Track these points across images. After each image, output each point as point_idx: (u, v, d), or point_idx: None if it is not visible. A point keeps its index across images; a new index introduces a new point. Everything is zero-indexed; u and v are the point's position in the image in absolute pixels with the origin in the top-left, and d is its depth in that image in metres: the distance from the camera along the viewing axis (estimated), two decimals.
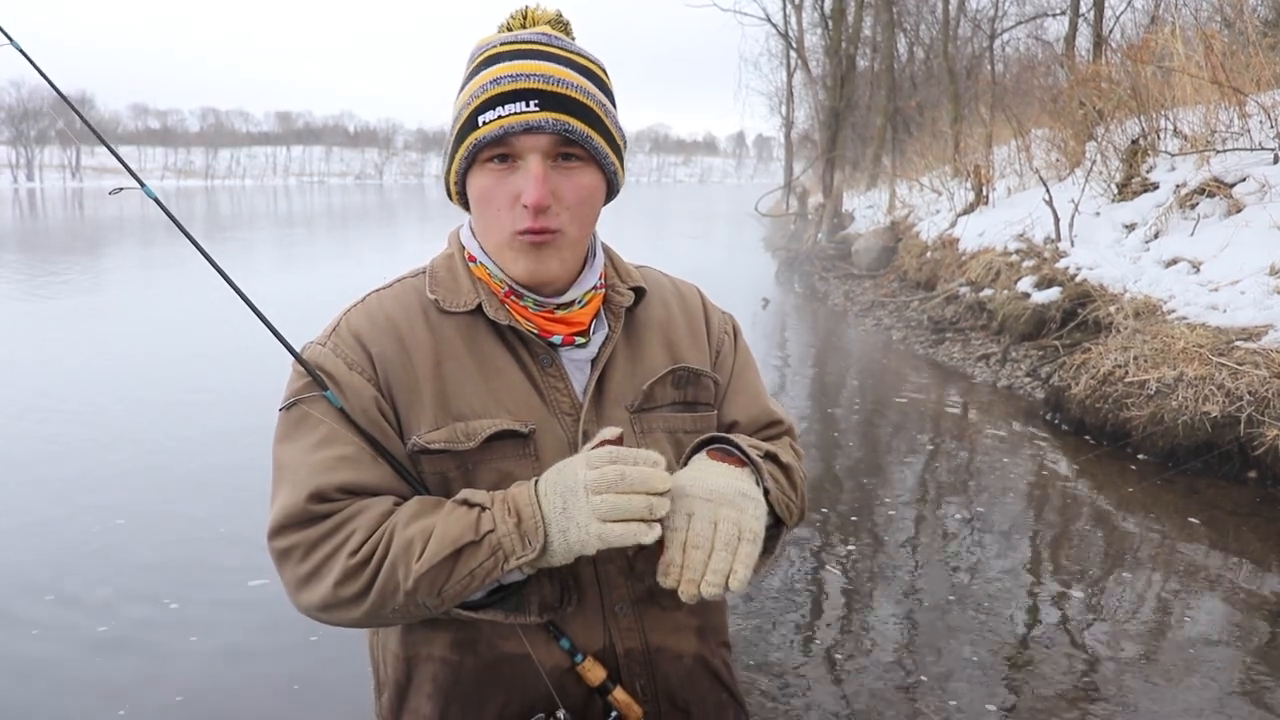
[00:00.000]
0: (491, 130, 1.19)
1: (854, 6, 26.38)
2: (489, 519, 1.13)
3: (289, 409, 1.25)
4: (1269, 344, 6.05)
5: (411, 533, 1.14)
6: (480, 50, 1.26)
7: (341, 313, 1.32)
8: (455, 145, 1.24)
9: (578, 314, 1.31)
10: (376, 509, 1.18)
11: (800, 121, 34.91)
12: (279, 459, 1.24)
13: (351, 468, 1.20)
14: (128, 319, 12.81)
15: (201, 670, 3.75)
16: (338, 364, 1.25)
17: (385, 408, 1.24)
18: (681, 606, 1.33)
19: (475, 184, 1.24)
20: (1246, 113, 9.10)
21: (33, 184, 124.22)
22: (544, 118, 1.19)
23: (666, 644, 1.33)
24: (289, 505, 1.19)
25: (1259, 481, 5.55)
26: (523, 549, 1.11)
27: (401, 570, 1.13)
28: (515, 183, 1.21)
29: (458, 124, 1.24)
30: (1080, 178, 11.21)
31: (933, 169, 19.11)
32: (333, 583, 1.16)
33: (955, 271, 12.32)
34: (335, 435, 1.21)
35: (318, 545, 1.18)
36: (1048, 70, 18.11)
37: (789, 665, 3.76)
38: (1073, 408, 6.84)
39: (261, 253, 24.60)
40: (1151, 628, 4.06)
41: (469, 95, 1.22)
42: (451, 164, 1.26)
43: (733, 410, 1.44)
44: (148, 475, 6.12)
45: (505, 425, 1.24)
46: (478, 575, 1.12)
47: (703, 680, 1.38)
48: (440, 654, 1.28)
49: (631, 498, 1.09)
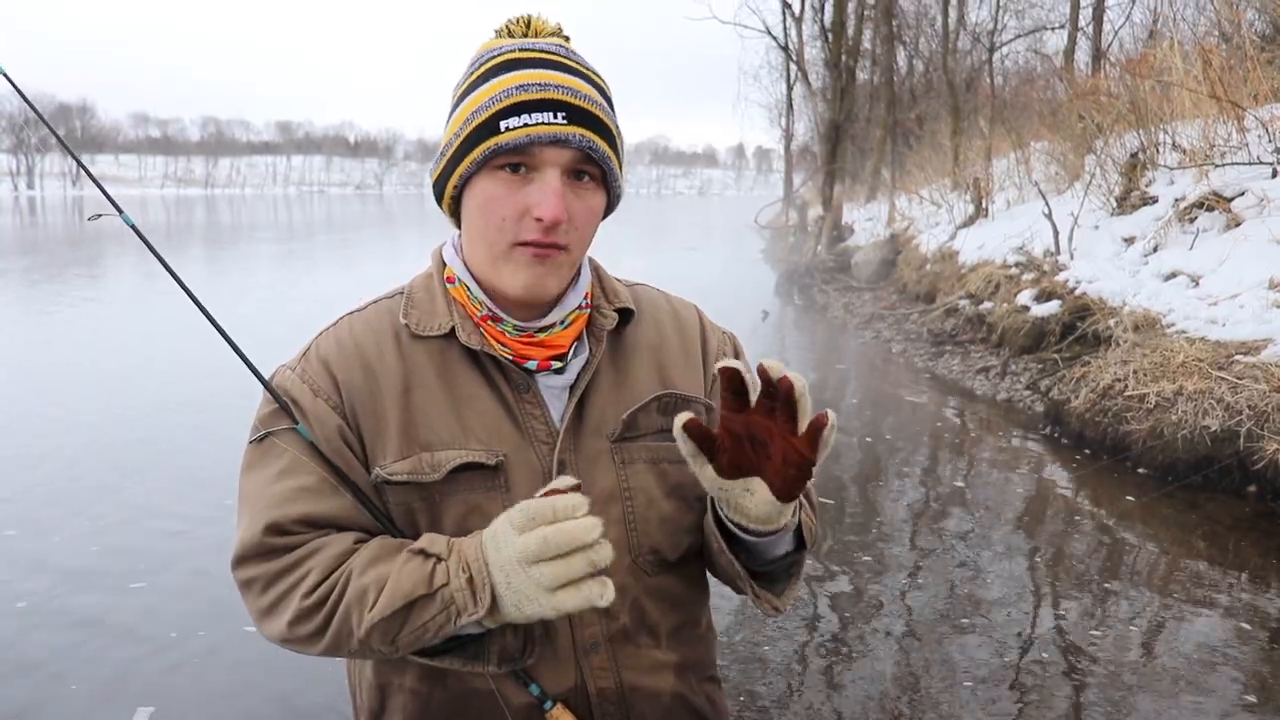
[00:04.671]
0: (516, 137, 1.13)
1: (854, 20, 26.49)
2: (443, 572, 1.09)
3: (258, 441, 1.22)
4: (1268, 358, 6.05)
5: (366, 580, 1.11)
6: (493, 53, 1.20)
7: (314, 337, 1.28)
8: (466, 147, 1.17)
9: (559, 336, 1.26)
10: (333, 549, 1.15)
11: (800, 134, 35.07)
12: (242, 488, 1.22)
13: (311, 499, 1.17)
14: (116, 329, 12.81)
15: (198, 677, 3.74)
16: (304, 390, 1.21)
17: (350, 437, 1.20)
18: (660, 644, 1.29)
19: (480, 190, 1.18)
20: (1245, 127, 9.12)
21: (33, 192, 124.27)
22: (571, 132, 1.14)
23: (642, 683, 1.27)
24: (248, 537, 1.17)
25: (1258, 496, 5.54)
26: (473, 606, 1.07)
27: (355, 617, 1.11)
28: (527, 194, 1.16)
29: (471, 125, 1.16)
30: (1079, 191, 11.23)
31: (932, 182, 19.15)
32: (287, 621, 1.14)
33: (955, 284, 12.32)
34: (297, 465, 1.18)
35: (275, 581, 1.16)
36: (1047, 84, 18.19)
37: (785, 679, 3.75)
38: (1072, 421, 6.83)
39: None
40: (1151, 642, 4.05)
41: (488, 97, 1.16)
42: (457, 166, 1.18)
43: None
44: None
45: (471, 457, 1.19)
46: (430, 628, 1.10)
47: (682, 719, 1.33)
48: (410, 685, 1.25)
49: (568, 561, 1.02)
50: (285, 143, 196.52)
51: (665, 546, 1.28)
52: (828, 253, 21.90)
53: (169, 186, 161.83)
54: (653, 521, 1.27)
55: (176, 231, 39.07)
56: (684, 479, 1.30)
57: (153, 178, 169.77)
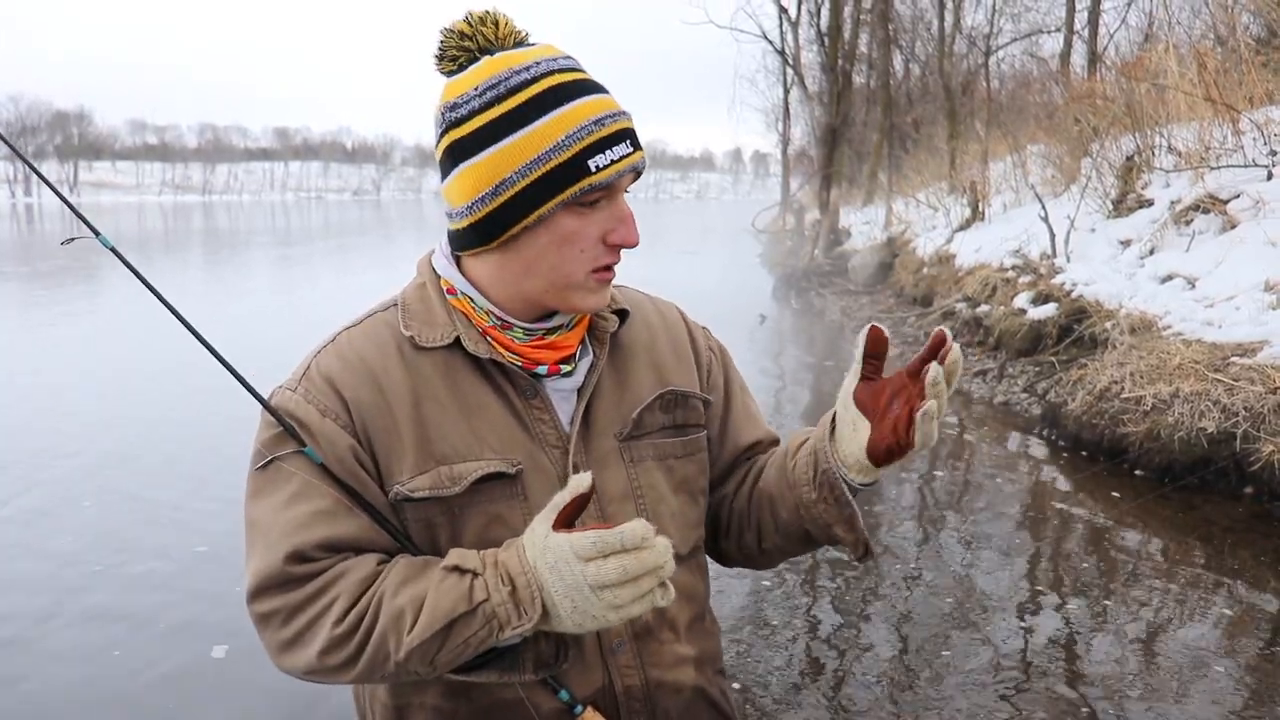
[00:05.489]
0: (608, 176, 1.15)
1: (850, 24, 26.57)
2: (482, 587, 1.08)
3: (263, 467, 1.18)
4: (1264, 360, 6.06)
5: (402, 602, 1.09)
6: (520, 75, 1.16)
7: (311, 354, 1.25)
8: (548, 186, 1.14)
9: (566, 337, 1.26)
10: (359, 572, 1.13)
11: (797, 138, 35.11)
12: (251, 517, 1.18)
13: (329, 522, 1.14)
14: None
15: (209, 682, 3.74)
16: (310, 411, 1.18)
17: (363, 456, 1.18)
18: (680, 638, 1.31)
19: (556, 227, 1.16)
20: (1240, 129, 9.14)
21: (30, 199, 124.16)
22: (640, 159, 1.19)
23: (666, 678, 1.29)
24: (266, 568, 1.13)
25: (1255, 497, 5.55)
26: (519, 619, 1.07)
27: (393, 642, 1.08)
28: (601, 222, 1.18)
29: (549, 164, 1.13)
30: (1076, 194, 11.24)
31: (929, 185, 19.16)
32: (317, 651, 1.11)
33: (952, 287, 12.34)
34: (309, 489, 1.14)
35: (299, 610, 1.12)
36: (1043, 87, 18.21)
37: (784, 684, 3.76)
38: (1069, 424, 6.84)
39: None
40: (1148, 644, 4.06)
41: (563, 134, 1.13)
42: (537, 204, 1.15)
43: (745, 433, 1.42)
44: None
45: (492, 468, 1.19)
46: (472, 644, 1.09)
47: (702, 712, 1.35)
48: (433, 702, 1.23)
49: (639, 583, 1.04)
50: (283, 149, 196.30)
51: (677, 541, 1.28)
52: (825, 256, 21.93)
53: (166, 193, 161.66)
54: (665, 517, 1.29)
55: (175, 239, 39.06)
56: (689, 474, 1.35)
57: (150, 184, 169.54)
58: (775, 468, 1.33)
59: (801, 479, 1.25)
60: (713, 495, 1.41)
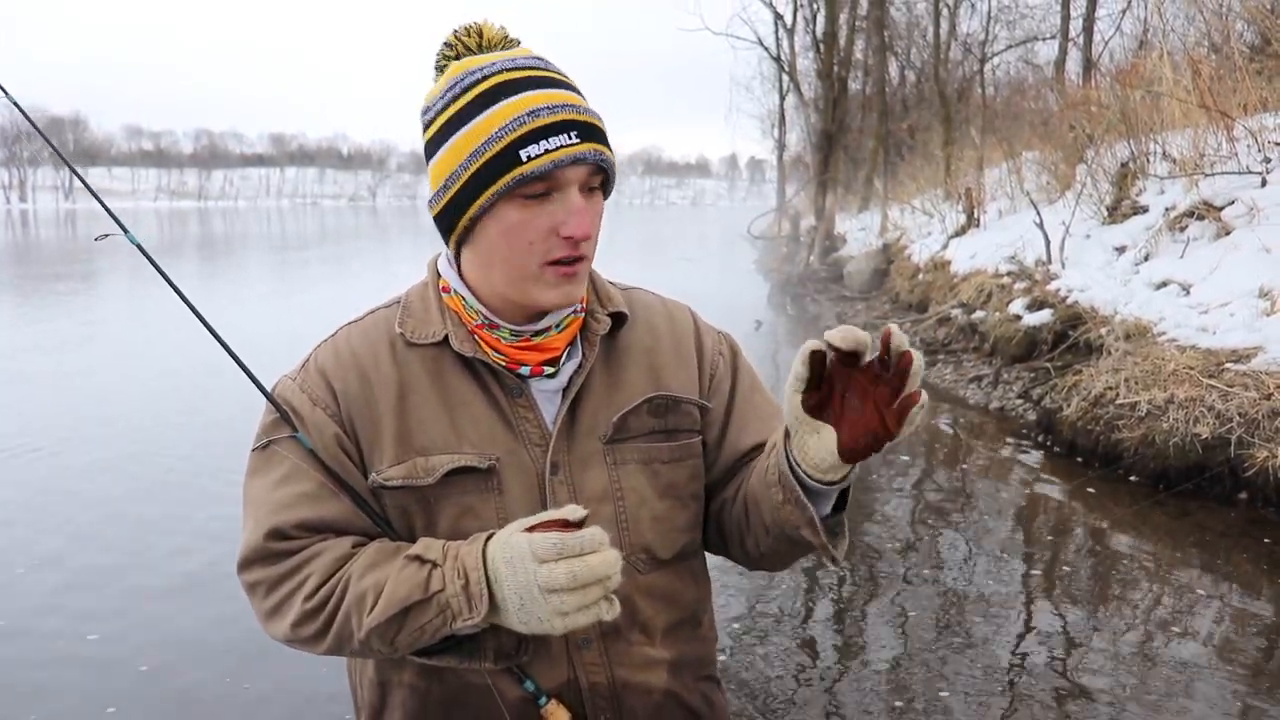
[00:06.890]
0: (540, 165, 1.15)
1: (845, 30, 26.67)
2: (439, 578, 1.13)
3: (261, 449, 1.27)
4: (1258, 366, 6.07)
5: (365, 585, 1.16)
6: (474, 75, 1.21)
7: (314, 348, 1.33)
8: (482, 179, 1.17)
9: (553, 340, 1.28)
10: (332, 553, 1.20)
11: (793, 144, 35.26)
12: (246, 494, 1.27)
13: (310, 504, 1.22)
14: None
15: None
16: (303, 400, 1.26)
17: (347, 444, 1.25)
18: (653, 641, 1.32)
19: (502, 217, 1.19)
20: (1234, 136, 9.18)
21: (25, 205, 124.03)
22: (587, 149, 1.17)
23: (633, 679, 1.29)
24: (251, 542, 1.22)
25: (1249, 503, 5.56)
26: (469, 612, 1.12)
27: (354, 621, 1.16)
28: (551, 214, 1.18)
29: (484, 157, 1.17)
30: (1071, 200, 11.27)
31: (924, 191, 19.22)
32: (290, 623, 1.20)
33: (947, 293, 12.36)
34: (297, 472, 1.23)
35: (278, 584, 1.21)
36: (1038, 94, 18.30)
37: (779, 689, 3.75)
38: (1064, 430, 6.85)
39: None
40: (1143, 650, 4.06)
41: (497, 127, 1.16)
42: (474, 198, 1.18)
43: (747, 436, 1.40)
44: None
45: (465, 461, 1.23)
46: (428, 630, 1.14)
47: (673, 717, 1.34)
48: (409, 681, 1.29)
49: (587, 591, 1.07)
50: (278, 155, 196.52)
51: (658, 545, 1.31)
52: (820, 262, 21.98)
53: (162, 199, 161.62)
54: (644, 520, 1.30)
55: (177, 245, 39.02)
56: (676, 479, 1.34)
57: (146, 190, 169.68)
58: (757, 470, 1.32)
59: (771, 480, 1.24)
60: (715, 500, 1.40)
